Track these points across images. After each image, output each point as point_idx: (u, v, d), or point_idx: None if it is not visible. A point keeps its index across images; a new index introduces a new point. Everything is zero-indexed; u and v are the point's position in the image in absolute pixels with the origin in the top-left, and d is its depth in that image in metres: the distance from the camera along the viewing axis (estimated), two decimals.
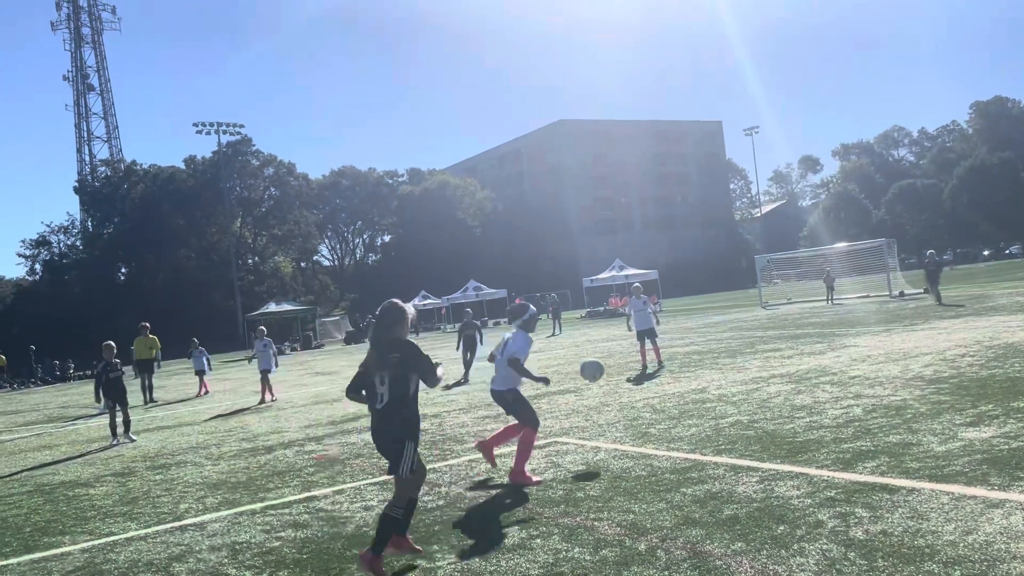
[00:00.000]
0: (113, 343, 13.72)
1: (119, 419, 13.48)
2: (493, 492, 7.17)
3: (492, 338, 18.42)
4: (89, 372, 44.21)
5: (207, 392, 22.26)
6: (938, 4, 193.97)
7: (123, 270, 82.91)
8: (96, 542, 6.95)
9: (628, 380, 14.46)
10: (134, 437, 13.71)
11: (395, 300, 5.76)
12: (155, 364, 22.31)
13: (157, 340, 22.36)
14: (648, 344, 16.59)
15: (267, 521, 7.01)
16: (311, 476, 8.82)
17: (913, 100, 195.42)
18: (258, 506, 7.64)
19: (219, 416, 16.19)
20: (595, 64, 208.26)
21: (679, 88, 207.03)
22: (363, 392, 5.66)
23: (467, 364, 18.60)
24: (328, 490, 8.00)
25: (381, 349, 5.51)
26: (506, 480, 7.55)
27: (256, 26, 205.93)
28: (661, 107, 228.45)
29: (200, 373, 23.10)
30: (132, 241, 77.42)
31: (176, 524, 7.28)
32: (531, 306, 8.33)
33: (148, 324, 22.37)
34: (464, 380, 17.63)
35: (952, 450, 6.84)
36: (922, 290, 30.67)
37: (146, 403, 21.07)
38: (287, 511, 7.31)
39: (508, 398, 8.00)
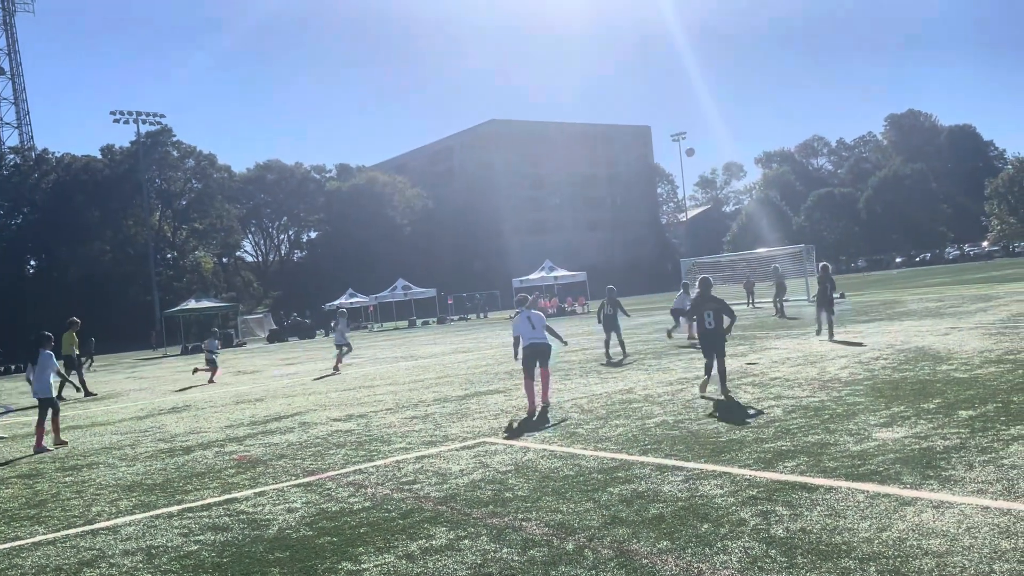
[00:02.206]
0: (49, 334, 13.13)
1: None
2: (420, 493, 7.10)
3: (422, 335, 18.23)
4: None
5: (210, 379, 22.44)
6: (856, 21, 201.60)
7: (32, 263, 79.35)
8: (1, 547, 6.60)
9: (557, 380, 14.53)
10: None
11: None
12: (79, 359, 21.87)
13: (75, 337, 21.71)
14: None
15: (185, 524, 6.78)
16: (232, 478, 8.57)
17: (832, 111, 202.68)
18: (175, 509, 7.38)
19: (136, 417, 15.62)
20: (528, 65, 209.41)
21: (610, 93, 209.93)
22: None
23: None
24: (249, 492, 7.78)
25: None
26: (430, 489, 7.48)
27: (179, 15, 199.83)
28: (592, 111, 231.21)
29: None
30: (43, 233, 74.14)
31: (87, 528, 6.97)
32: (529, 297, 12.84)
33: (77, 320, 21.72)
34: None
35: (867, 450, 7.08)
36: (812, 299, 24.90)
37: (84, 395, 20.71)
38: (206, 514, 7.08)
39: (547, 348, 11.43)
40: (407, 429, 10.68)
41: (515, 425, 10.18)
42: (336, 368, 22.01)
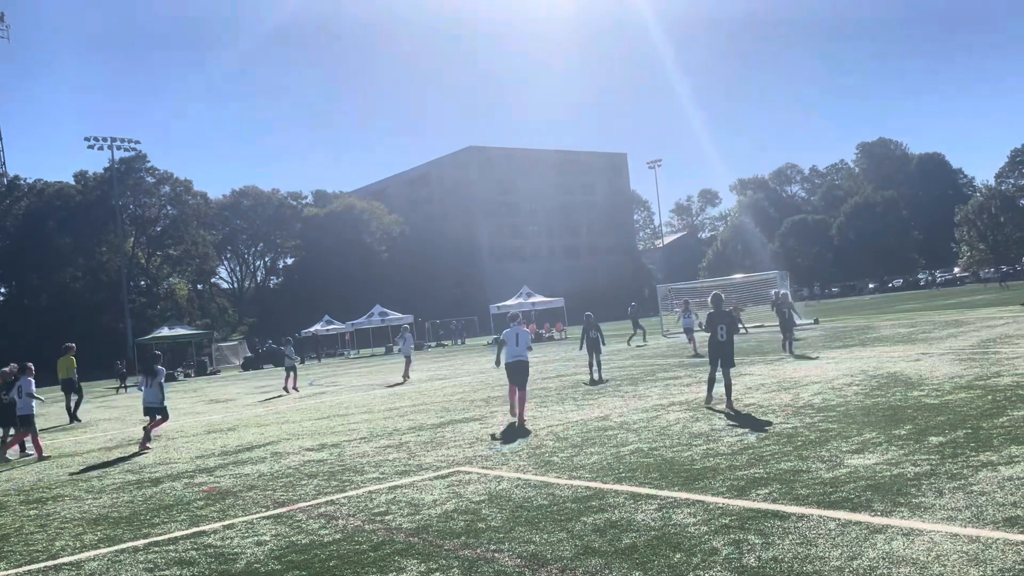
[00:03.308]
0: (7, 369, 14.59)
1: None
2: (392, 525, 7.01)
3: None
4: None
5: (296, 389, 24.90)
6: (826, 50, 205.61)
7: (2, 290, 78.14)
8: None
9: (533, 407, 14.47)
10: (10, 458, 14.28)
11: None
12: (75, 383, 21.90)
13: (74, 360, 21.99)
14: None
15: (150, 559, 6.64)
16: (200, 510, 8.41)
17: (805, 139, 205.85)
18: (141, 543, 7.22)
19: (103, 448, 15.34)
20: (506, 92, 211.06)
21: (587, 120, 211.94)
22: None
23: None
24: (218, 525, 7.64)
25: None
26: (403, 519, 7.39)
27: (153, 40, 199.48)
28: (569, 138, 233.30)
29: (290, 370, 25.40)
30: (13, 260, 73.11)
31: (50, 563, 6.81)
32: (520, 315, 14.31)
33: (72, 345, 22.15)
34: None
35: (839, 476, 7.10)
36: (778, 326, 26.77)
37: (70, 423, 20.92)
38: (172, 548, 6.93)
39: (526, 366, 12.90)
40: (381, 458, 10.58)
41: (497, 438, 10.11)
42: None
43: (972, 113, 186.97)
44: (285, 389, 24.97)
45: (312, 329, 61.47)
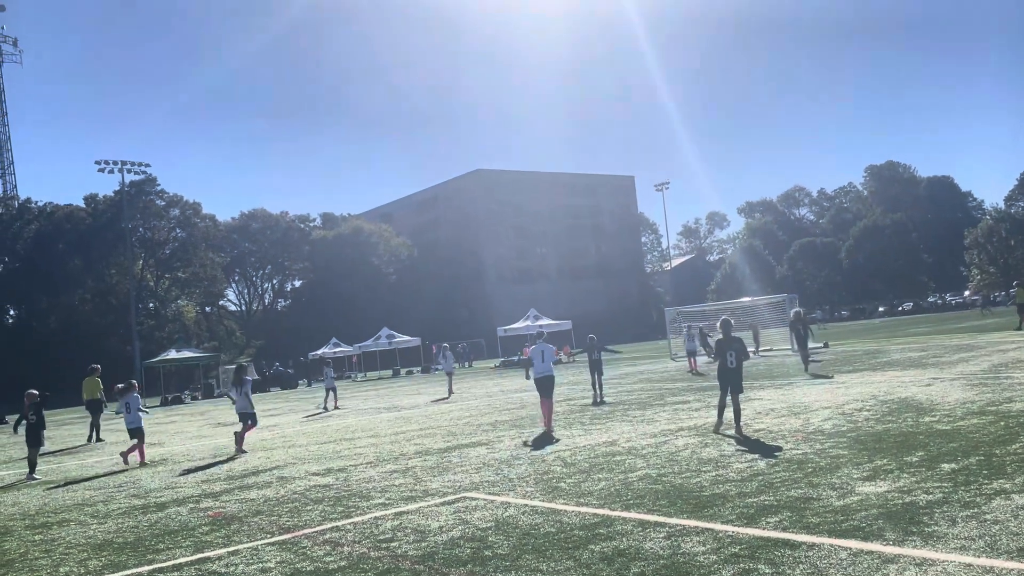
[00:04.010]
0: (36, 392, 15.20)
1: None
2: (398, 551, 6.94)
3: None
4: None
5: (336, 407, 26.22)
6: (834, 72, 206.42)
7: (12, 312, 78.50)
8: None
9: (540, 433, 14.40)
10: (37, 477, 14.84)
11: None
12: (102, 404, 23.22)
13: (100, 382, 23.45)
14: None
15: None
16: (205, 536, 8.35)
17: (813, 162, 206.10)
18: (145, 569, 7.17)
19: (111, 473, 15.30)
20: (514, 115, 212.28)
21: (595, 143, 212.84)
22: None
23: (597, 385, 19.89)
24: (222, 551, 7.58)
25: None
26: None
27: (166, 64, 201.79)
28: (576, 161, 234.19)
29: (331, 390, 27.61)
30: (23, 282, 73.48)
31: None
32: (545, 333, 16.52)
33: (98, 366, 23.72)
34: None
35: (850, 504, 7.01)
36: (790, 349, 28.89)
37: (94, 441, 21.83)
38: (176, 575, 6.88)
39: (552, 379, 14.61)
40: (387, 484, 10.51)
41: (528, 444, 10.04)
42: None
43: (981, 136, 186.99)
44: (324, 407, 26.68)
45: (319, 352, 61.48)
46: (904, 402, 13.55)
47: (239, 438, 15.93)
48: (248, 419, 15.97)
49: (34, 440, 15.07)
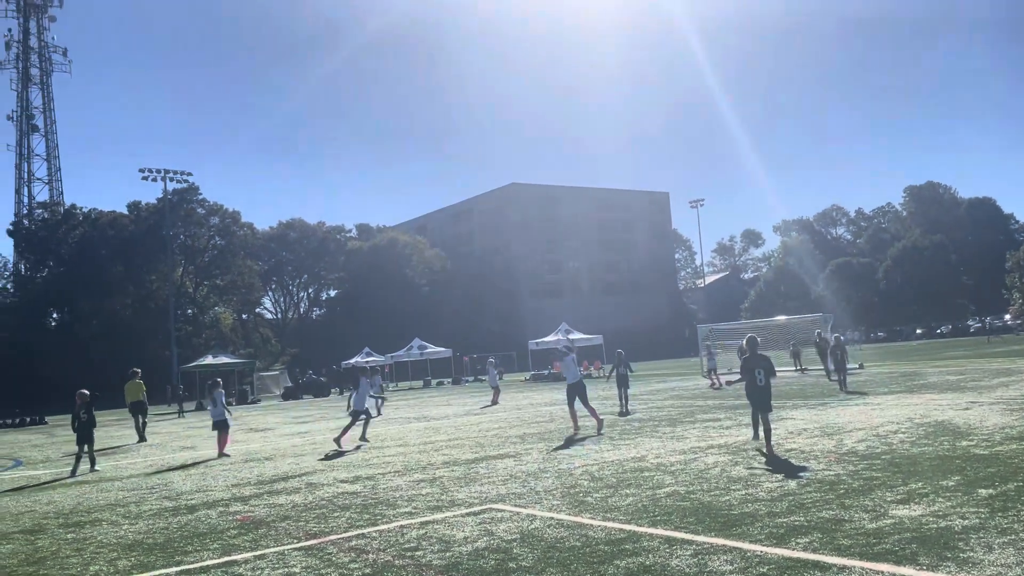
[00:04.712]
0: (87, 391, 16.13)
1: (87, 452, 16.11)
2: (422, 561, 6.94)
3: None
4: (11, 421, 42.42)
5: (380, 413, 26.05)
6: (874, 89, 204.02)
7: (55, 316, 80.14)
8: None
9: (568, 446, 14.33)
10: (98, 468, 16.00)
11: None
12: (145, 406, 24.10)
13: (143, 384, 24.33)
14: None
15: None
16: (233, 539, 8.43)
17: (851, 181, 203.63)
18: (173, 570, 7.25)
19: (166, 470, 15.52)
20: (550, 129, 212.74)
21: (630, 158, 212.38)
22: None
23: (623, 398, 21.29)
24: (249, 555, 7.65)
25: None
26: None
27: (206, 75, 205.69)
28: (611, 176, 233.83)
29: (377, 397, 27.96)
30: (66, 287, 75.00)
31: None
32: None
33: (139, 370, 24.66)
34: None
35: (883, 527, 6.87)
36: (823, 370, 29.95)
37: (139, 441, 22.70)
38: None
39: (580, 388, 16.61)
40: (414, 493, 10.52)
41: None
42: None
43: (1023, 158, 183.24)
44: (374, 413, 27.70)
45: (352, 361, 61.91)
46: (941, 425, 13.27)
47: (344, 433, 17.45)
48: (361, 414, 17.62)
49: (86, 437, 16.02)
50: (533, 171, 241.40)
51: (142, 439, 23.11)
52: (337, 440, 17.25)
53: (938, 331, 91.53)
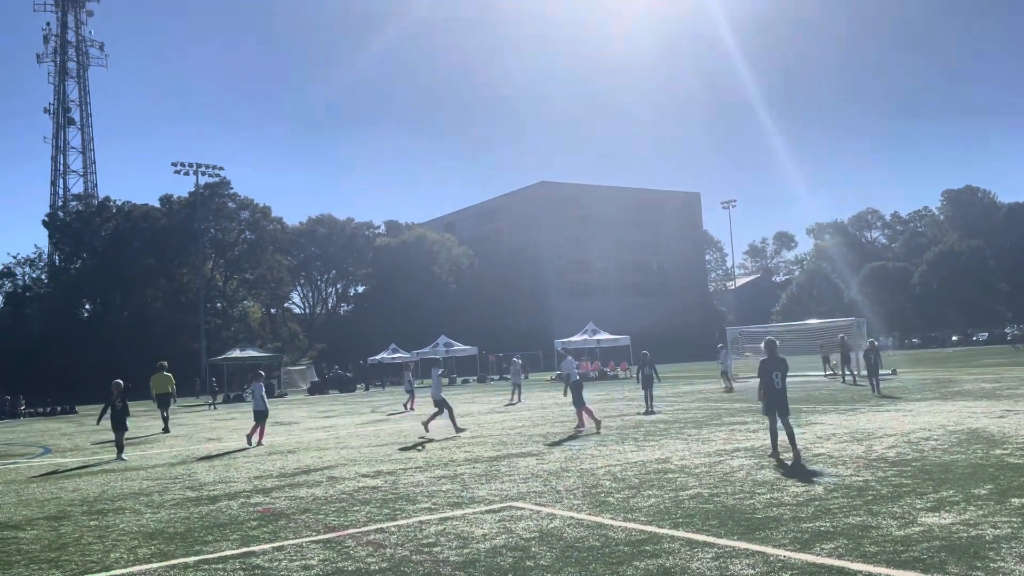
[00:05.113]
0: (121, 381, 16.77)
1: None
2: (440, 556, 6.87)
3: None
4: (42, 410, 43.18)
5: (412, 409, 27.40)
6: (912, 91, 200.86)
7: (88, 307, 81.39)
8: None
9: (592, 446, 14.21)
10: (125, 458, 16.24)
11: None
12: (172, 398, 24.63)
13: (172, 377, 24.79)
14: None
15: None
16: (253, 530, 8.44)
17: (887, 184, 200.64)
18: (192, 560, 7.26)
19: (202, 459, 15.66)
20: (579, 127, 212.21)
21: (660, 157, 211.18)
22: None
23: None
24: (268, 546, 7.64)
25: None
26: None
27: (239, 71, 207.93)
28: (642, 176, 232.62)
29: (411, 392, 29.46)
30: (99, 278, 76.18)
31: (103, 575, 6.89)
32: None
33: (166, 362, 25.27)
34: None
35: (911, 535, 6.68)
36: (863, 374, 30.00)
37: (164, 431, 23.10)
38: (221, 567, 6.94)
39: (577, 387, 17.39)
40: (434, 489, 10.47)
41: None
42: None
43: None
44: (405, 407, 28.46)
45: (378, 357, 62.20)
46: (974, 433, 12.95)
47: (441, 421, 18.21)
48: (444, 406, 17.83)
49: (120, 425, 16.55)
50: (563, 170, 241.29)
51: (166, 430, 23.36)
52: (425, 424, 18.27)
53: (974, 338, 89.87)
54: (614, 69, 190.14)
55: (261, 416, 17.93)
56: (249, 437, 17.97)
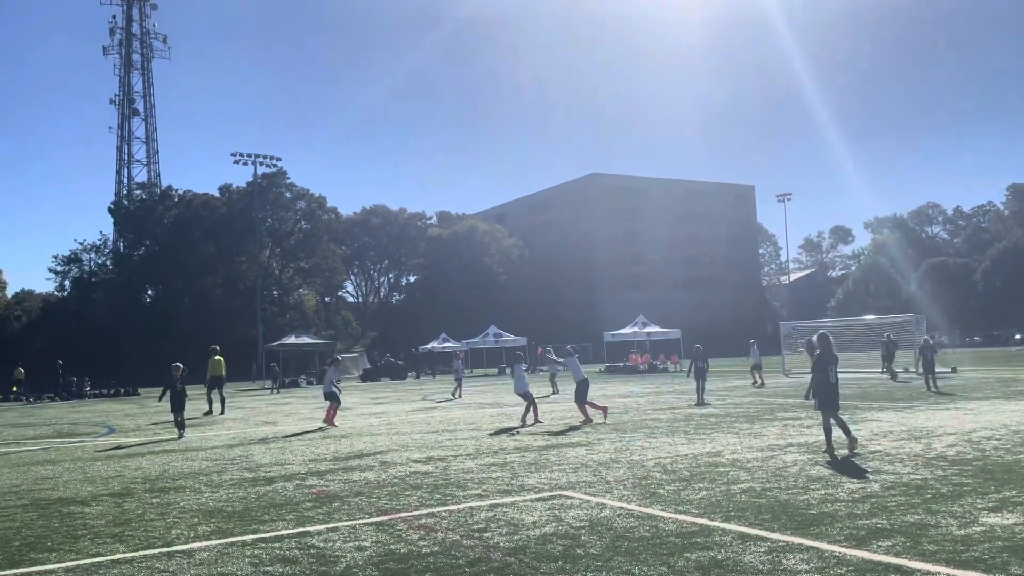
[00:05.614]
0: (181, 364, 17.80)
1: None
2: (490, 542, 6.94)
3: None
4: (107, 391, 44.64)
5: (460, 397, 28.36)
6: (978, 83, 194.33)
7: (150, 293, 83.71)
8: (82, 562, 6.80)
9: (641, 438, 14.16)
10: (184, 435, 17.39)
11: None
12: (223, 381, 25.61)
13: (223, 360, 25.79)
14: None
15: (256, 554, 6.83)
16: (307, 511, 8.62)
17: (949, 178, 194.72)
18: (249, 538, 7.46)
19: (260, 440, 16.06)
20: (632, 120, 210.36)
21: (715, 150, 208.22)
22: None
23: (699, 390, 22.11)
24: (322, 527, 7.80)
25: None
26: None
27: (296, 64, 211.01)
28: (696, 167, 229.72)
29: (460, 380, 29.94)
30: (161, 265, 78.27)
31: (164, 550, 7.12)
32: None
33: (217, 346, 26.08)
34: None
35: (972, 535, 6.53)
36: (915, 371, 29.69)
37: (220, 413, 24.02)
38: (278, 545, 7.12)
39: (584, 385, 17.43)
40: (484, 476, 10.56)
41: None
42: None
43: None
44: (453, 395, 29.19)
45: (429, 346, 62.75)
46: None
47: (533, 414, 18.01)
48: (525, 398, 18.03)
49: (179, 406, 17.53)
50: (614, 162, 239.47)
51: (222, 411, 24.19)
52: (536, 419, 17.92)
53: None
54: (667, 59, 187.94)
55: (331, 397, 18.98)
56: (329, 419, 18.84)
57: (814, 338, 12.06)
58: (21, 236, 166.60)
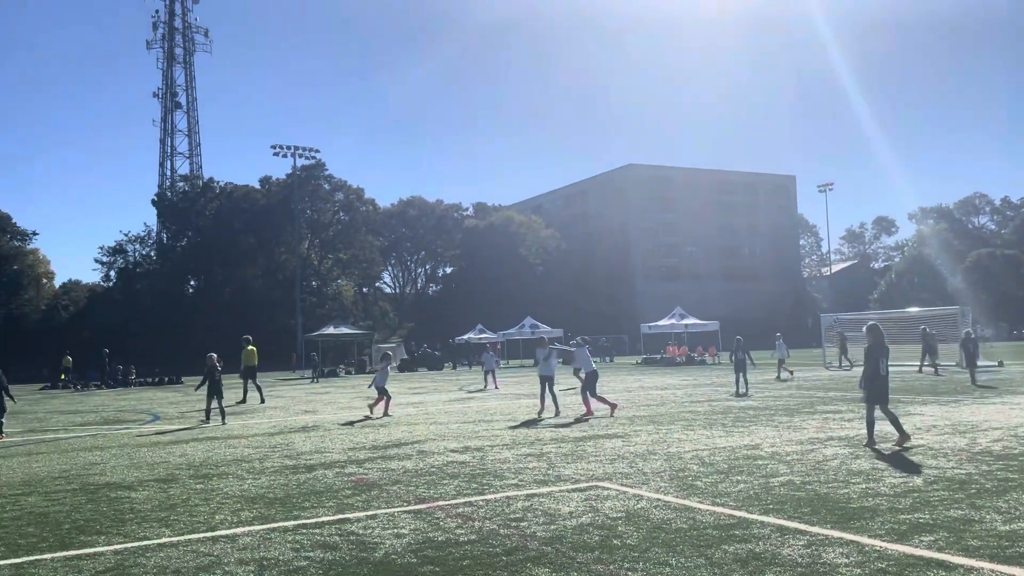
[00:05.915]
0: (215, 354, 18.73)
1: (214, 407, 18.65)
2: (527, 531, 6.98)
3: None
4: (151, 379, 45.62)
5: (496, 387, 28.61)
6: (1021, 70, 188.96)
7: (192, 283, 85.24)
8: (129, 545, 6.99)
9: (679, 430, 14.10)
10: (227, 423, 17.97)
11: None
12: (256, 370, 25.81)
13: (255, 350, 25.94)
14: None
15: (297, 540, 6.96)
16: (347, 499, 8.75)
17: (996, 168, 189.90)
18: (291, 524, 7.59)
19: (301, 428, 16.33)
20: (670, 108, 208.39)
21: (752, 139, 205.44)
22: None
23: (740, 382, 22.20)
24: (361, 514, 7.91)
25: None
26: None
27: (335, 57, 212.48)
28: (734, 157, 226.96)
29: (490, 372, 29.90)
30: (203, 256, 79.63)
31: (208, 534, 7.28)
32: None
33: (250, 336, 26.30)
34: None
35: (1018, 530, 6.41)
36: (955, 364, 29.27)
37: (261, 401, 24.48)
38: (318, 531, 7.24)
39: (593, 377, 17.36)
40: (521, 466, 10.61)
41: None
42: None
43: None
44: (485, 388, 29.18)
45: (465, 337, 63.03)
46: None
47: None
48: (548, 382, 18.24)
49: (217, 393, 18.32)
50: (651, 152, 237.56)
51: (261, 400, 24.58)
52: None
53: None
54: (704, 49, 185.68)
55: (382, 391, 19.09)
56: (385, 411, 19.03)
57: (864, 329, 11.90)
58: (69, 227, 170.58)
